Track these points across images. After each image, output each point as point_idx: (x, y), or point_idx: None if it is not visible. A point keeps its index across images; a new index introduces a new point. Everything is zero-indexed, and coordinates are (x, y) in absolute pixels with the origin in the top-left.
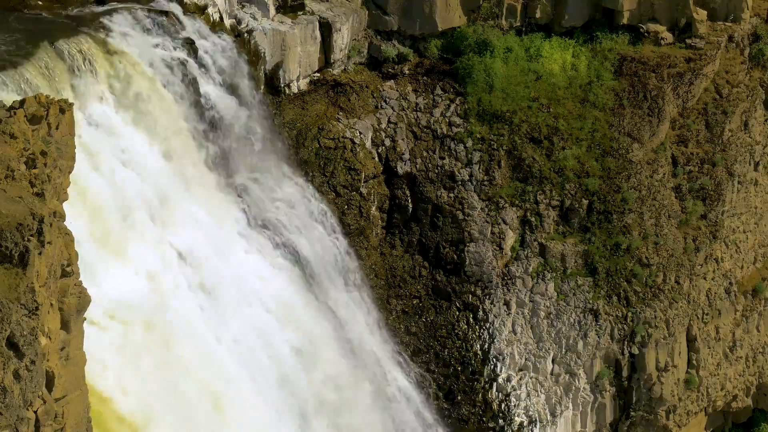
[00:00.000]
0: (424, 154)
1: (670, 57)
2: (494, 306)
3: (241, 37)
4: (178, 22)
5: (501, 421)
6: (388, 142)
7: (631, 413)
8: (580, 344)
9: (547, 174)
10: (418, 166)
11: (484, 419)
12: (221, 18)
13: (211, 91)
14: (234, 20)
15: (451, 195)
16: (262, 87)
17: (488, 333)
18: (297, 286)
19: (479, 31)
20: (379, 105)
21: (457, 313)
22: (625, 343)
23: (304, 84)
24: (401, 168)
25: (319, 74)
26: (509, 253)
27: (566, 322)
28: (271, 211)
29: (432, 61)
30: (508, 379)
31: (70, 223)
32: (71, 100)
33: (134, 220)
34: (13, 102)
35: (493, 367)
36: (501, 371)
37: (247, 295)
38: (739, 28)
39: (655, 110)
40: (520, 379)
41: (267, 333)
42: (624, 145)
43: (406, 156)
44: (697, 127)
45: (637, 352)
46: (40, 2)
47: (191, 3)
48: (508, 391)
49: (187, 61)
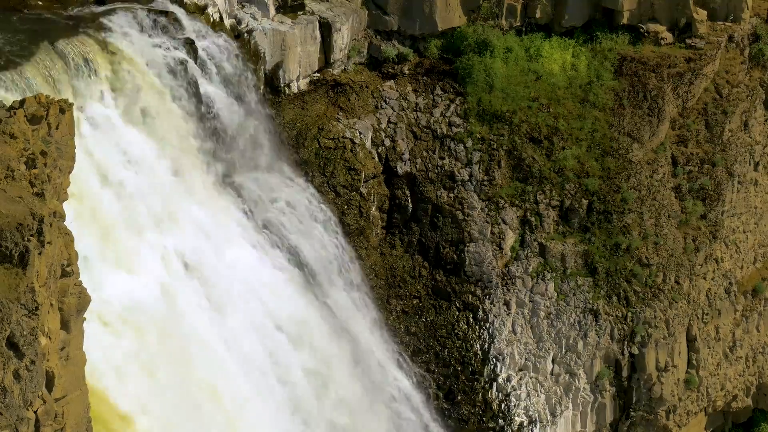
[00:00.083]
0: (424, 154)
1: (670, 57)
2: (494, 306)
3: (241, 37)
4: (178, 22)
5: (501, 421)
6: (388, 142)
7: (631, 413)
8: (580, 344)
9: (547, 174)
10: (418, 166)
11: (484, 419)
12: (221, 18)
13: (211, 91)
14: (234, 20)
15: (451, 195)
16: (262, 87)
17: (488, 333)
18: (297, 286)
19: (479, 31)
20: (379, 105)
21: (457, 313)
22: (625, 343)
23: (304, 84)
24: (401, 168)
25: (319, 74)
26: (509, 253)
27: (566, 322)
28: (271, 211)
29: (432, 61)
30: (508, 379)
31: (69, 223)
32: (71, 100)
33: (133, 220)
34: (13, 102)
35: (493, 367)
36: (501, 371)
37: (247, 295)
38: (739, 28)
39: (655, 110)
40: (520, 379)
41: (266, 333)
42: (624, 145)
43: (406, 156)
44: (697, 127)
45: (637, 352)
46: (40, 2)
47: (191, 3)
48: (508, 391)
49: (187, 61)
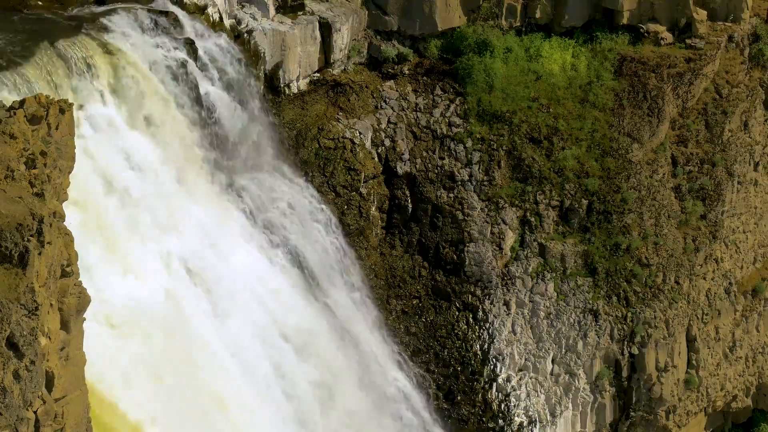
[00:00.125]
0: (424, 154)
1: (670, 57)
2: (494, 306)
3: (241, 38)
4: (177, 23)
5: (501, 422)
6: (387, 143)
7: (631, 413)
8: (580, 344)
9: (547, 174)
10: (417, 167)
11: (484, 419)
12: (221, 18)
13: (211, 91)
14: (234, 20)
15: (451, 195)
16: (262, 87)
17: (488, 333)
18: (297, 286)
19: (479, 31)
20: (379, 105)
21: (457, 313)
22: (625, 343)
23: (303, 84)
24: (401, 168)
25: (318, 74)
26: (509, 253)
27: (566, 322)
28: (271, 211)
29: (432, 61)
30: (508, 380)
31: (69, 223)
32: (71, 101)
33: (133, 220)
34: (13, 102)
35: (492, 367)
36: (501, 371)
37: (247, 295)
38: (739, 28)
39: (655, 110)
40: (520, 380)
41: (266, 333)
42: (624, 145)
43: (406, 156)
44: (696, 127)
45: (636, 352)
46: (40, 2)
47: (191, 3)
48: (508, 391)
49: (186, 61)
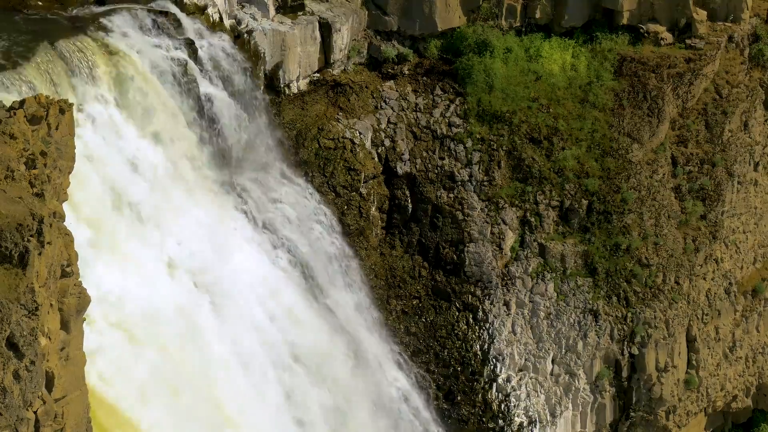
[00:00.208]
0: (424, 154)
1: (669, 57)
2: (494, 306)
3: (241, 38)
4: (177, 23)
5: (501, 422)
6: (387, 143)
7: (631, 413)
8: (580, 344)
9: (547, 174)
10: (417, 167)
11: (484, 419)
12: (221, 18)
13: (211, 91)
14: (234, 20)
15: (451, 195)
16: (262, 87)
17: (488, 333)
18: (296, 286)
19: (479, 31)
20: (379, 105)
21: (457, 314)
22: (625, 343)
23: (303, 84)
24: (401, 168)
25: (318, 74)
26: (509, 254)
27: (566, 323)
28: (271, 211)
29: (432, 62)
30: (508, 380)
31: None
32: (71, 101)
33: (133, 220)
34: (13, 102)
35: (492, 367)
36: (501, 371)
37: (247, 295)
38: (739, 29)
39: (655, 110)
40: (520, 380)
41: (265, 331)
42: (624, 146)
43: (406, 156)
44: (696, 127)
45: (636, 352)
46: (40, 2)
47: (191, 3)
48: (508, 391)
49: (186, 62)
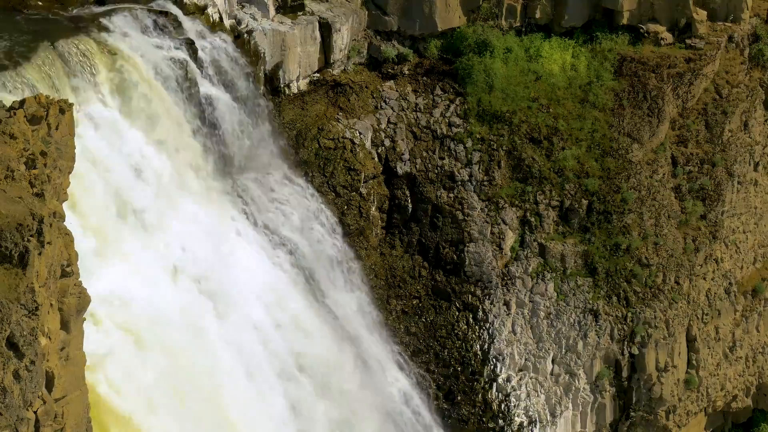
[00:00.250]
0: (424, 154)
1: (670, 57)
2: (494, 306)
3: (241, 38)
4: (177, 23)
5: (501, 422)
6: (387, 143)
7: (631, 413)
8: (580, 344)
9: (547, 174)
10: (417, 167)
11: (484, 419)
12: (221, 18)
13: (211, 91)
14: (234, 21)
15: (451, 195)
16: (262, 87)
17: (488, 333)
18: (297, 286)
19: (479, 31)
20: (379, 105)
21: (457, 314)
22: (625, 343)
23: (303, 84)
24: (401, 168)
25: (318, 74)
26: (509, 254)
27: (566, 323)
28: (271, 211)
29: (432, 62)
30: (508, 380)
31: (69, 223)
32: (71, 101)
33: (133, 221)
34: (13, 102)
35: (492, 367)
36: (501, 371)
37: (251, 301)
38: (739, 29)
39: (655, 110)
40: (520, 380)
41: (264, 331)
42: (624, 146)
43: (406, 156)
44: (696, 127)
45: (636, 352)
46: (40, 2)
47: (191, 3)
48: (508, 391)
49: (186, 62)
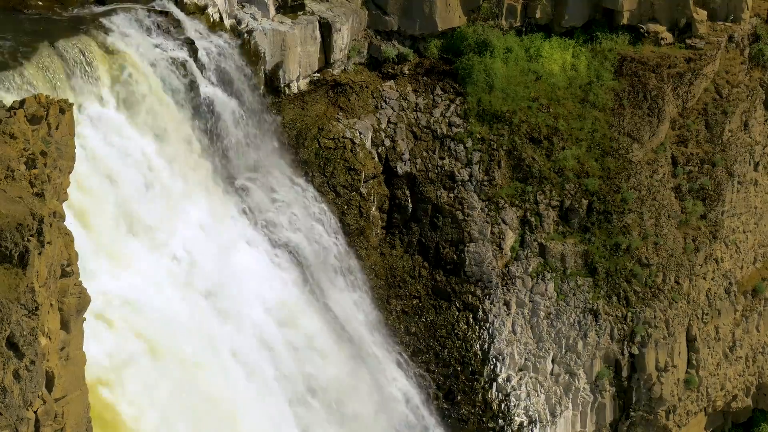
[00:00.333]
0: (424, 154)
1: (670, 57)
2: (494, 306)
3: (241, 38)
4: (177, 23)
5: (501, 421)
6: (388, 142)
7: (631, 413)
8: (580, 344)
9: (547, 174)
10: (418, 166)
11: (484, 419)
12: (221, 18)
13: (211, 91)
14: (234, 20)
15: (451, 195)
16: (262, 87)
17: (488, 333)
18: (297, 286)
19: (479, 31)
20: (379, 105)
21: (457, 313)
22: (625, 343)
23: (304, 84)
24: (401, 168)
25: (319, 74)
26: (509, 253)
27: (566, 322)
28: (271, 211)
29: (432, 61)
30: (508, 379)
31: (69, 223)
32: (71, 100)
33: (133, 221)
34: (13, 102)
35: (492, 367)
36: (501, 371)
37: (248, 296)
38: (739, 28)
39: (655, 110)
40: (520, 379)
41: (266, 332)
42: (624, 145)
43: (406, 156)
44: (697, 127)
45: (636, 352)
46: (40, 2)
47: (191, 3)
48: (508, 391)
49: (186, 62)
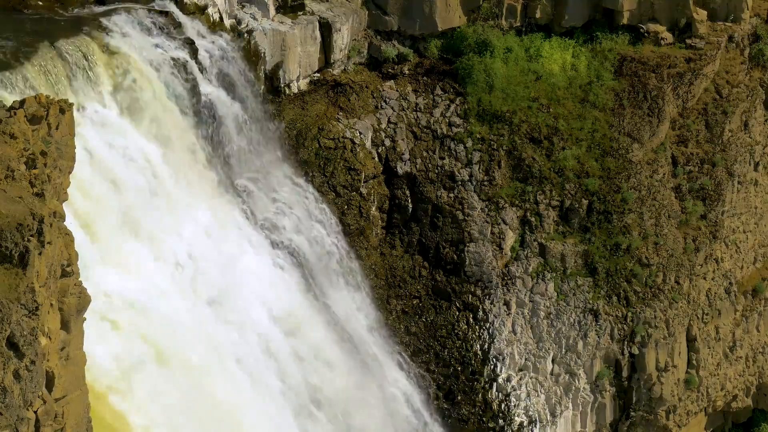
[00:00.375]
0: (424, 154)
1: (670, 57)
2: (494, 306)
3: (241, 38)
4: (177, 23)
5: (501, 421)
6: (388, 142)
7: (631, 413)
8: (580, 344)
9: (547, 174)
10: (418, 166)
11: (484, 419)
12: (221, 18)
13: (211, 91)
14: (234, 20)
15: (451, 195)
16: (262, 87)
17: (488, 333)
18: (297, 286)
19: (479, 31)
20: (379, 105)
21: (457, 313)
22: (625, 343)
23: (304, 84)
24: (401, 168)
25: (319, 74)
26: (509, 253)
27: (566, 322)
28: (272, 211)
29: (432, 61)
30: (508, 379)
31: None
32: (71, 100)
33: (133, 221)
34: (13, 102)
35: (493, 367)
36: (501, 371)
37: (248, 296)
38: (739, 28)
39: (655, 110)
40: (520, 379)
41: (266, 332)
42: (624, 145)
43: (406, 156)
44: (697, 127)
45: (637, 352)
46: (40, 2)
47: (191, 3)
48: (508, 391)
49: (186, 61)
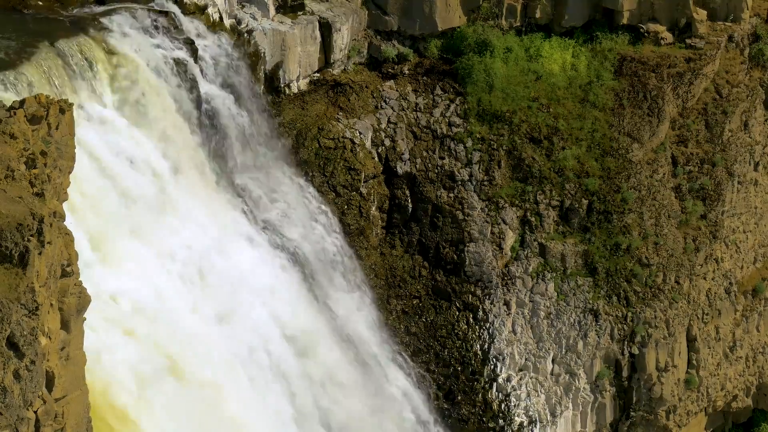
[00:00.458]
0: (424, 154)
1: (670, 57)
2: (494, 306)
3: (241, 37)
4: (177, 23)
5: (501, 421)
6: (388, 142)
7: (631, 413)
8: (580, 344)
9: (547, 174)
10: (417, 166)
11: (484, 419)
12: (221, 18)
13: (211, 91)
14: (234, 20)
15: (451, 195)
16: (262, 87)
17: (488, 333)
18: (297, 286)
19: (479, 31)
20: (379, 105)
21: (457, 313)
22: (625, 343)
23: (304, 84)
24: (401, 168)
25: (319, 74)
26: (509, 253)
27: (566, 322)
28: (271, 211)
29: (432, 61)
30: (508, 379)
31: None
32: (71, 100)
33: (133, 221)
34: (13, 102)
35: (493, 367)
36: (501, 371)
37: (248, 296)
38: (739, 28)
39: (655, 110)
40: (520, 379)
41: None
42: (624, 145)
43: (406, 156)
44: (697, 127)
45: (637, 352)
46: (40, 2)
47: (191, 3)
48: (508, 391)
49: (186, 61)
